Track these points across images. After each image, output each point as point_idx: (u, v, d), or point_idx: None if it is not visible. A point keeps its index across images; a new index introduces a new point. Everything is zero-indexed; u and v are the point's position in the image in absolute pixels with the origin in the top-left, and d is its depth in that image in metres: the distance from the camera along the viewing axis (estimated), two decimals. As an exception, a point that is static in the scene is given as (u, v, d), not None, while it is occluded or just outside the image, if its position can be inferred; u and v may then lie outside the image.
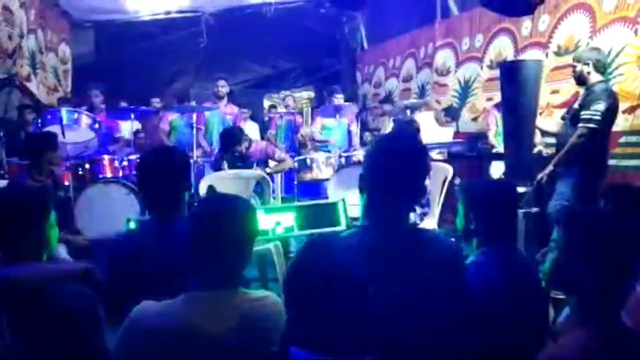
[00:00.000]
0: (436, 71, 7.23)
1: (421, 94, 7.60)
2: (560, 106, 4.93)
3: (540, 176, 3.76)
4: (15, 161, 4.30)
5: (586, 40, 4.78)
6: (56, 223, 1.79)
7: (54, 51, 7.39)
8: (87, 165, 4.44)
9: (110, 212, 3.92)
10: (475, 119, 6.41)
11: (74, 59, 8.14)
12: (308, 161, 4.95)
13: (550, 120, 4.67)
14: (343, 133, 6.26)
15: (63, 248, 3.03)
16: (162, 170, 1.86)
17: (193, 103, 5.02)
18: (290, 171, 5.13)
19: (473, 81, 6.46)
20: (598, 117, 3.53)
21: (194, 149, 4.93)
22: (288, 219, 2.69)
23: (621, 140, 4.32)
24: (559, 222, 1.39)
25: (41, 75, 6.65)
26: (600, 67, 3.70)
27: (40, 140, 3.84)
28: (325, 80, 9.41)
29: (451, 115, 6.29)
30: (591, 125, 3.54)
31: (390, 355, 1.34)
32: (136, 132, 5.72)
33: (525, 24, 5.57)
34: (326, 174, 4.80)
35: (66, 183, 4.19)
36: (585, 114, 3.58)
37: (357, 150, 5.47)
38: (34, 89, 6.25)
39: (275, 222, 2.65)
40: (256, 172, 4.48)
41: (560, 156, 3.71)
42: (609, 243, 1.29)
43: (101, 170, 4.50)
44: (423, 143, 1.87)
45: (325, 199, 4.24)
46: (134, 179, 4.56)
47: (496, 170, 4.81)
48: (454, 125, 6.32)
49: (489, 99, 6.04)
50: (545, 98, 4.99)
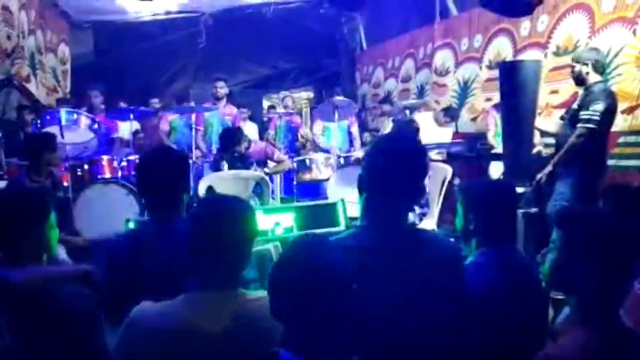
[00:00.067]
0: (435, 71, 7.23)
1: (420, 94, 7.60)
2: (559, 106, 4.94)
3: (540, 176, 3.76)
4: (14, 162, 4.30)
5: (585, 41, 4.79)
6: (56, 224, 1.78)
7: (53, 52, 7.38)
8: (86, 166, 4.44)
9: (109, 213, 3.92)
10: (474, 119, 6.41)
11: (73, 60, 8.13)
12: (307, 162, 4.95)
13: (549, 121, 4.67)
14: (343, 134, 6.25)
15: (62, 249, 3.02)
16: (161, 170, 1.86)
17: (192, 104, 5.02)
18: (289, 172, 5.13)
19: (472, 81, 6.47)
20: (597, 118, 3.54)
21: (193, 149, 4.93)
22: (287, 219, 2.70)
23: (620, 140, 4.32)
24: (558, 223, 1.40)
25: (40, 76, 6.64)
26: (599, 68, 3.71)
27: (39, 141, 3.84)
28: (324, 81, 9.41)
29: (450, 115, 6.29)
30: (590, 125, 3.55)
31: (390, 355, 1.34)
32: (135, 133, 5.72)
33: (524, 25, 5.57)
34: (325, 174, 4.80)
35: (65, 184, 4.19)
36: (584, 114, 3.58)
37: (357, 150, 5.47)
38: (33, 89, 6.24)
39: (274, 223, 2.65)
40: (255, 173, 4.48)
41: (560, 156, 3.71)
42: (608, 243, 1.29)
43: (100, 171, 4.49)
44: (422, 143, 1.87)
45: (325, 199, 4.25)
46: (133, 180, 4.55)
47: (495, 170, 4.81)
48: (453, 125, 6.33)
49: (488, 99, 6.04)
50: (544, 98, 5.00)
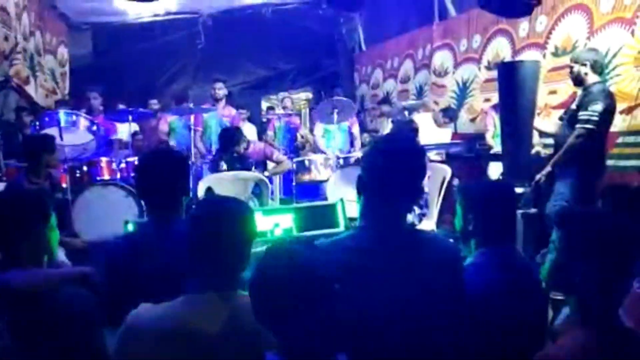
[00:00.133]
0: (434, 72, 7.24)
1: (419, 95, 7.61)
2: (558, 107, 4.94)
3: (539, 177, 3.76)
4: (12, 163, 4.29)
5: (583, 41, 4.79)
6: (56, 225, 1.78)
7: (52, 53, 7.38)
8: (85, 168, 4.44)
9: (108, 215, 3.91)
10: (473, 120, 6.42)
11: (72, 61, 8.13)
12: (306, 162, 4.94)
13: (548, 121, 4.68)
14: (344, 135, 6.24)
15: (61, 251, 3.02)
16: (161, 172, 1.86)
17: (191, 105, 5.01)
18: (288, 173, 5.13)
19: (471, 82, 6.47)
20: (596, 118, 3.54)
21: (192, 150, 4.93)
22: (287, 220, 2.70)
23: (619, 140, 4.33)
24: (557, 223, 1.40)
25: (40, 78, 6.64)
26: (598, 68, 3.71)
27: (37, 142, 3.84)
28: (323, 82, 9.41)
29: (449, 116, 6.30)
30: (589, 125, 3.55)
31: (390, 356, 1.34)
32: (134, 134, 5.72)
33: (523, 25, 5.58)
34: (324, 175, 4.80)
35: (64, 185, 4.19)
36: (582, 114, 3.58)
37: (356, 151, 5.47)
38: (33, 91, 6.24)
39: (273, 224, 2.66)
40: (254, 174, 4.47)
41: (559, 157, 3.71)
42: (607, 243, 1.29)
43: (99, 173, 4.49)
44: (420, 143, 1.87)
45: (324, 200, 4.25)
46: (132, 181, 4.55)
47: (494, 171, 4.82)
48: (452, 126, 6.33)
49: (486, 100, 6.05)
50: (543, 99, 5.00)
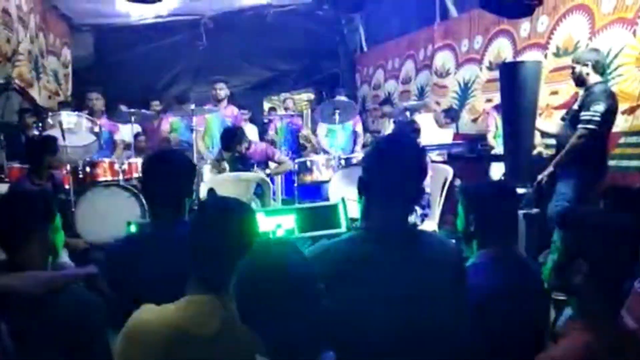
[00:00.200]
0: (435, 73, 7.24)
1: (420, 95, 7.61)
2: (560, 107, 4.94)
3: (541, 177, 3.76)
4: (15, 165, 4.30)
5: (585, 42, 4.79)
6: (61, 226, 1.78)
7: (55, 55, 7.40)
8: (88, 169, 4.45)
9: (111, 216, 3.92)
10: (474, 121, 6.41)
11: (74, 63, 8.15)
12: (308, 163, 4.95)
13: (550, 122, 4.67)
14: (348, 134, 6.23)
15: (64, 252, 3.03)
16: (167, 173, 1.86)
17: (192, 106, 5.03)
18: (290, 173, 5.13)
19: (472, 83, 6.47)
20: (597, 118, 3.54)
21: (194, 151, 4.94)
22: (289, 221, 2.70)
23: (621, 141, 4.32)
24: (559, 223, 1.40)
25: (43, 80, 6.66)
26: (600, 68, 3.71)
27: (39, 143, 3.85)
28: (324, 83, 9.41)
29: (451, 116, 6.30)
30: (591, 126, 3.55)
31: (391, 356, 1.34)
32: (136, 135, 5.72)
33: (524, 26, 5.58)
34: (326, 175, 4.80)
35: (66, 186, 4.20)
36: (584, 115, 3.58)
37: (358, 152, 5.47)
38: (36, 93, 6.25)
39: (275, 225, 2.66)
40: (256, 175, 4.48)
41: (560, 157, 3.71)
42: (608, 244, 1.29)
43: (101, 174, 4.50)
44: (420, 144, 1.87)
45: (326, 201, 4.25)
46: (134, 182, 4.56)
47: (496, 171, 4.81)
48: (453, 126, 6.34)
49: (488, 101, 6.04)
50: (545, 99, 4.99)
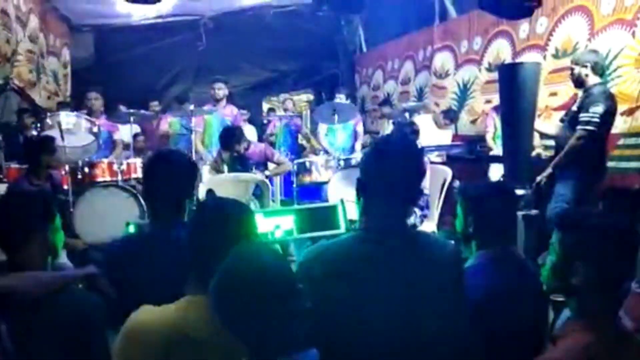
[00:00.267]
0: (435, 74, 7.24)
1: (420, 96, 7.61)
2: (559, 109, 4.94)
3: (540, 178, 3.76)
4: (14, 165, 4.30)
5: (584, 43, 4.79)
6: (61, 227, 1.77)
7: (55, 55, 7.40)
8: (86, 169, 4.43)
9: (110, 216, 3.91)
10: (474, 122, 6.42)
11: (73, 63, 8.16)
12: (307, 164, 4.94)
13: (549, 123, 4.67)
14: (348, 134, 6.23)
15: (63, 252, 3.02)
16: (167, 174, 1.86)
17: (192, 106, 5.02)
18: (289, 174, 5.12)
19: (472, 84, 6.47)
20: (597, 120, 3.54)
21: (193, 152, 4.94)
22: (287, 222, 2.70)
23: (620, 142, 4.32)
24: (558, 225, 1.40)
25: (43, 80, 6.66)
26: (599, 70, 3.71)
27: (37, 144, 3.84)
28: (324, 83, 9.42)
29: (450, 117, 6.30)
30: (590, 127, 3.55)
31: (390, 356, 1.34)
32: (135, 136, 5.72)
33: (523, 27, 5.58)
34: (325, 176, 4.79)
35: (65, 187, 4.19)
36: (583, 116, 3.58)
37: (357, 153, 5.46)
38: (36, 93, 6.25)
39: (274, 226, 2.65)
40: (255, 175, 4.48)
41: (559, 158, 3.71)
42: (607, 245, 1.29)
43: (100, 174, 4.49)
44: (419, 145, 1.87)
45: (325, 202, 4.25)
46: (132, 183, 4.56)
47: (495, 172, 4.81)
48: (452, 127, 6.34)
49: (487, 102, 6.05)
50: (544, 100, 5.00)
